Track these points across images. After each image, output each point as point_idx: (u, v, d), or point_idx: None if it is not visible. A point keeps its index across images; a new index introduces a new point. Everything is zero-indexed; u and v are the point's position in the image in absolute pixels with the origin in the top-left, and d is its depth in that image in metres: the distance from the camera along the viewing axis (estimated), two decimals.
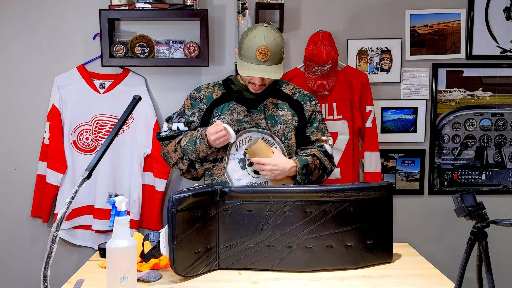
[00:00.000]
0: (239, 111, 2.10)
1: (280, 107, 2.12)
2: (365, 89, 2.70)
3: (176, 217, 1.54)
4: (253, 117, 2.09)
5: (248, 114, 2.09)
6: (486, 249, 1.16)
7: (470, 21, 2.77)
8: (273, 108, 2.11)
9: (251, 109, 2.10)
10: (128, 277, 1.39)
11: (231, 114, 2.09)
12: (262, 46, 1.95)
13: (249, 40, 1.98)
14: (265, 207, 1.64)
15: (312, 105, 2.16)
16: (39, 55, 2.68)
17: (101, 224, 2.63)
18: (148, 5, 2.53)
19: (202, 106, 2.14)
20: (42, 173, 2.67)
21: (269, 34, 1.98)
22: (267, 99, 2.12)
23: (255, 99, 2.12)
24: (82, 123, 2.65)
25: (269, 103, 2.12)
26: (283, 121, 2.10)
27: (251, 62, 1.98)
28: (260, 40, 1.96)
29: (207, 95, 2.15)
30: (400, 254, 1.82)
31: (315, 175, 2.08)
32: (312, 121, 2.16)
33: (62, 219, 1.25)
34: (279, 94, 2.15)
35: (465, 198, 1.20)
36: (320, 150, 2.11)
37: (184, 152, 2.06)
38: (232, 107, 2.11)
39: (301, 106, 2.14)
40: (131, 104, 1.55)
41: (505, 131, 2.86)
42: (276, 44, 1.98)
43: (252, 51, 1.97)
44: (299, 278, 1.60)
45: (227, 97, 2.13)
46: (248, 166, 2.06)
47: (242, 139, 2.09)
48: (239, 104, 2.11)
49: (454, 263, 2.78)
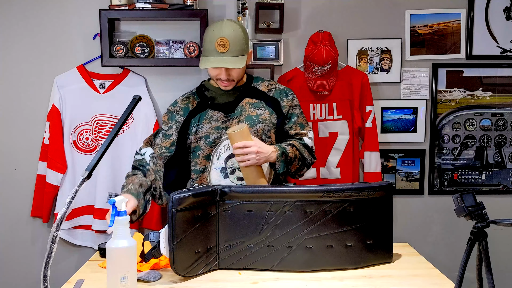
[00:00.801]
0: (217, 118, 2.05)
1: (257, 106, 2.07)
2: (365, 89, 2.70)
3: (176, 217, 1.53)
4: (231, 121, 2.04)
5: (226, 119, 2.04)
6: (486, 249, 1.16)
7: (470, 21, 2.77)
8: (250, 108, 2.06)
9: (229, 113, 2.05)
10: (128, 277, 1.39)
11: (209, 122, 2.04)
12: (220, 37, 1.94)
13: (209, 35, 1.98)
14: (265, 207, 1.64)
15: (288, 100, 2.11)
16: (39, 55, 2.69)
17: (101, 224, 2.63)
18: (148, 5, 2.53)
19: (179, 118, 2.08)
20: (42, 173, 2.67)
21: (227, 26, 1.97)
22: (243, 100, 2.08)
23: (231, 102, 2.07)
24: (82, 123, 2.65)
25: (245, 104, 2.07)
26: (262, 120, 2.05)
27: (211, 55, 1.97)
28: (219, 32, 1.95)
29: (183, 107, 2.09)
30: (400, 254, 1.82)
31: (294, 166, 2.04)
32: (290, 116, 2.11)
33: (62, 219, 1.25)
34: (254, 93, 2.10)
35: (465, 198, 1.20)
36: (300, 142, 2.08)
37: None
38: (209, 115, 2.05)
39: (278, 103, 2.10)
40: (131, 104, 1.55)
41: (505, 131, 2.86)
42: (236, 35, 1.96)
43: (212, 44, 1.95)
44: (299, 278, 1.60)
45: (203, 106, 2.08)
46: (230, 175, 2.02)
47: (221, 148, 2.04)
48: (216, 111, 2.06)
49: (454, 263, 2.78)
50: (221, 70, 1.98)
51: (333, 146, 2.71)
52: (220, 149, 2.05)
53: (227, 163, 2.03)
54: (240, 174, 2.00)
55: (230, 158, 2.03)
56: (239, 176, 2.01)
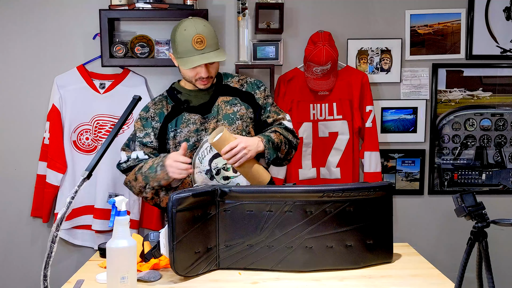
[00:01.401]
0: (194, 120, 2.01)
1: (232, 103, 2.04)
2: (365, 89, 2.70)
3: (176, 217, 1.53)
4: (209, 122, 2.01)
5: (204, 120, 2.01)
6: (486, 249, 1.16)
7: (470, 21, 2.77)
8: (226, 106, 2.04)
9: (205, 115, 2.02)
10: (128, 277, 1.39)
11: (187, 126, 2.00)
12: (196, 35, 1.91)
13: (181, 35, 1.94)
14: (265, 207, 1.64)
15: (261, 91, 2.09)
16: (39, 55, 2.69)
17: (101, 224, 2.63)
18: (148, 5, 2.53)
19: (155, 124, 2.03)
20: (42, 173, 2.67)
21: (198, 23, 1.94)
22: (217, 99, 2.05)
23: (206, 103, 2.04)
24: (82, 123, 2.65)
25: (221, 103, 2.04)
26: (239, 117, 2.03)
27: (190, 55, 1.93)
28: (192, 30, 1.92)
29: (157, 112, 2.04)
30: (400, 254, 1.82)
31: (282, 151, 2.01)
32: (265, 106, 2.09)
33: (62, 219, 1.25)
34: (227, 90, 2.07)
35: (465, 198, 1.20)
36: (280, 127, 2.06)
37: (145, 180, 1.93)
38: (186, 119, 2.01)
39: (252, 96, 2.07)
40: (131, 104, 1.55)
41: (505, 131, 2.86)
42: (209, 30, 1.94)
43: (188, 44, 1.91)
44: (299, 278, 1.60)
45: (178, 109, 2.03)
46: (216, 175, 1.99)
47: (203, 151, 2.00)
48: (192, 113, 2.02)
49: (454, 263, 2.78)
50: (201, 69, 1.94)
51: (333, 146, 2.71)
52: (202, 152, 2.01)
53: (211, 164, 1.99)
54: (226, 173, 1.98)
55: (214, 159, 1.99)
56: (225, 176, 1.99)
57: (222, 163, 1.99)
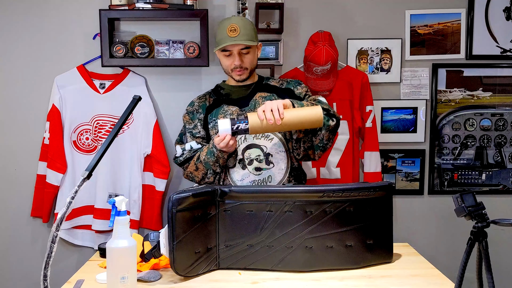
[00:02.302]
0: (232, 111, 2.14)
1: (269, 99, 2.14)
2: (365, 89, 2.70)
3: (176, 217, 1.54)
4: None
5: (241, 112, 2.13)
6: (486, 249, 1.16)
7: (470, 21, 2.77)
8: (263, 101, 2.13)
9: (243, 107, 2.15)
10: (128, 277, 1.39)
11: (224, 116, 2.13)
12: (231, 24, 2.08)
13: (220, 26, 2.12)
14: (265, 207, 1.64)
15: (302, 87, 2.20)
16: (39, 55, 2.69)
17: (101, 224, 2.62)
18: (148, 5, 2.53)
19: (199, 116, 2.20)
20: (42, 173, 2.67)
21: (236, 17, 2.14)
22: (255, 94, 2.17)
23: (245, 97, 2.17)
24: (82, 123, 2.65)
25: (258, 98, 2.16)
26: None
27: (224, 42, 2.08)
28: (229, 21, 2.10)
29: (201, 105, 2.23)
30: (400, 254, 1.82)
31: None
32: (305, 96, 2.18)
33: (62, 219, 1.25)
34: (266, 88, 2.21)
35: (465, 198, 1.20)
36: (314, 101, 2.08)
37: (206, 166, 2.06)
38: (224, 110, 2.16)
39: (292, 91, 2.18)
40: (131, 104, 1.55)
41: (505, 131, 2.86)
42: (246, 23, 2.11)
43: (224, 32, 2.08)
44: (299, 278, 1.60)
45: (218, 102, 2.21)
46: (248, 165, 2.06)
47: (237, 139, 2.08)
48: (231, 105, 2.16)
49: (454, 263, 2.78)
50: (234, 57, 2.09)
51: (333, 146, 2.71)
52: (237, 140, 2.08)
53: (245, 154, 2.08)
54: (258, 164, 2.06)
55: (248, 149, 2.08)
56: (257, 167, 2.06)
57: (255, 154, 2.07)
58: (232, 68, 2.13)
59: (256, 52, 2.17)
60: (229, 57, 2.12)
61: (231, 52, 2.10)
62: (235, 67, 2.11)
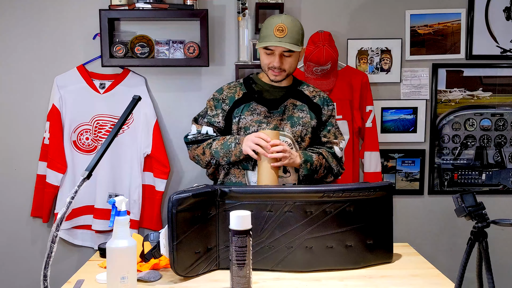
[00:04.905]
0: (260, 112, 2.08)
1: (300, 109, 2.11)
2: (365, 89, 2.70)
3: (176, 218, 1.53)
4: (273, 118, 2.08)
5: (269, 115, 2.08)
6: (486, 249, 1.16)
7: (470, 21, 2.77)
8: (293, 109, 2.10)
9: (272, 110, 2.09)
10: (128, 277, 1.39)
11: (251, 114, 2.08)
12: (279, 23, 1.99)
13: (268, 22, 2.03)
14: (265, 208, 1.64)
15: (329, 110, 2.16)
16: (39, 55, 2.69)
17: (101, 224, 2.63)
18: (148, 5, 2.53)
19: (225, 107, 2.12)
20: (42, 173, 2.67)
21: (287, 17, 2.04)
22: (288, 99, 2.11)
23: (276, 100, 2.11)
24: (82, 123, 2.65)
25: (289, 104, 2.11)
26: (302, 123, 2.09)
27: (269, 40, 2.00)
28: (278, 19, 2.01)
29: (229, 96, 2.13)
30: (400, 254, 1.82)
31: (320, 173, 2.07)
32: (327, 125, 2.16)
33: (62, 219, 1.25)
34: (299, 95, 2.14)
35: (465, 198, 1.20)
36: (329, 151, 2.10)
37: (215, 154, 2.03)
38: (253, 108, 2.09)
39: (320, 110, 2.14)
40: (131, 104, 1.54)
41: (505, 131, 2.86)
42: (295, 24, 2.02)
43: (271, 29, 2.00)
44: (299, 278, 1.60)
45: (248, 98, 2.12)
46: None
47: None
48: (260, 105, 2.10)
49: (454, 263, 2.78)
50: (274, 58, 2.02)
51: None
52: None
53: None
54: None
55: None
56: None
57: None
58: (270, 67, 2.05)
59: (298, 57, 2.08)
60: (270, 56, 2.03)
61: (273, 52, 2.02)
62: (274, 67, 2.04)
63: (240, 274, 1.41)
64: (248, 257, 1.42)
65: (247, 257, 1.42)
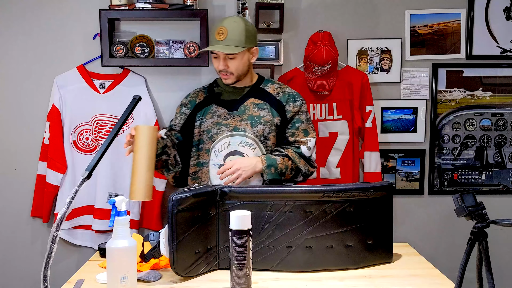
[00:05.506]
0: (220, 113, 2.10)
1: (261, 108, 2.10)
2: (365, 89, 2.70)
3: (176, 218, 1.53)
4: (233, 119, 2.08)
5: (228, 116, 2.09)
6: (486, 249, 1.16)
7: (470, 21, 2.77)
8: (253, 108, 2.09)
9: (232, 111, 2.10)
10: (128, 277, 1.39)
11: (212, 117, 2.10)
12: (220, 27, 2.01)
13: (213, 26, 2.08)
14: (265, 208, 1.64)
15: (295, 106, 2.12)
16: (39, 55, 2.69)
17: (101, 224, 2.62)
18: (148, 5, 2.53)
19: (185, 111, 2.19)
20: (42, 173, 2.67)
21: (230, 19, 2.04)
22: (248, 99, 2.11)
23: (236, 100, 2.12)
24: (82, 123, 2.65)
25: (250, 104, 2.11)
26: (263, 122, 2.08)
27: (211, 44, 2.03)
28: (220, 22, 2.04)
29: (191, 100, 2.21)
30: (400, 254, 1.82)
31: (287, 176, 2.06)
32: (294, 122, 2.12)
33: (62, 219, 1.25)
34: (261, 93, 2.14)
35: (465, 198, 1.20)
36: (296, 152, 2.08)
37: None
38: (213, 110, 2.12)
39: (283, 107, 2.12)
40: (131, 104, 1.55)
41: (505, 131, 2.86)
42: (236, 27, 2.01)
43: (212, 33, 2.03)
44: (299, 278, 1.60)
45: (209, 100, 2.16)
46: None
47: (221, 145, 2.07)
48: (220, 107, 2.12)
49: (454, 263, 2.76)
50: (219, 61, 2.04)
51: (333, 146, 2.71)
52: (219, 146, 2.07)
53: (226, 160, 2.05)
54: None
55: (230, 156, 2.05)
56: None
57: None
58: (219, 71, 2.08)
59: (246, 57, 2.06)
60: (216, 59, 2.06)
61: (218, 55, 2.04)
62: (220, 70, 2.07)
63: (240, 274, 1.41)
64: (248, 257, 1.42)
65: (247, 257, 1.42)
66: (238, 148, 2.06)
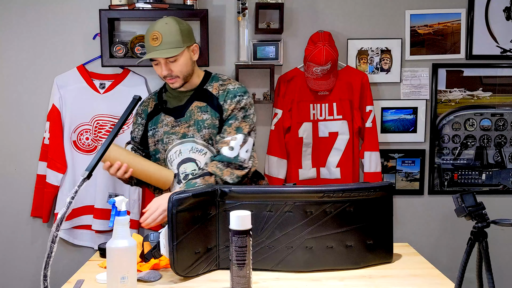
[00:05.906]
0: (167, 122, 2.03)
1: (204, 110, 2.00)
2: (365, 89, 2.70)
3: (176, 218, 1.53)
4: (180, 126, 2.01)
5: (176, 124, 2.01)
6: (486, 249, 1.16)
7: (470, 21, 2.77)
8: (198, 112, 2.00)
9: (178, 118, 2.02)
10: (128, 277, 1.39)
11: (162, 126, 2.04)
12: (153, 32, 1.91)
13: (146, 33, 1.96)
14: (265, 208, 1.64)
15: (233, 103, 1.98)
16: (39, 55, 2.69)
17: (101, 224, 2.63)
18: (148, 5, 2.53)
19: (142, 121, 2.12)
20: (42, 173, 2.67)
21: (161, 21, 1.94)
22: (192, 103, 2.02)
23: (182, 106, 2.03)
24: (82, 123, 2.65)
25: (194, 108, 2.01)
26: (207, 125, 1.98)
27: (148, 51, 1.95)
28: (152, 27, 1.93)
29: (144, 109, 2.12)
30: (400, 254, 1.82)
31: None
32: (229, 119, 1.99)
33: (62, 219, 1.25)
34: (204, 95, 2.02)
35: (465, 198, 1.20)
36: (219, 161, 1.93)
37: None
38: (161, 119, 2.05)
39: (221, 106, 2.00)
40: (131, 104, 1.54)
41: (505, 131, 2.86)
42: (168, 28, 1.91)
43: (147, 39, 1.94)
44: (299, 278, 1.60)
45: (158, 109, 2.09)
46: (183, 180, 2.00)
47: (172, 154, 2.02)
48: (167, 115, 2.04)
49: (454, 263, 2.78)
50: (158, 67, 1.96)
51: (333, 146, 2.71)
52: (171, 155, 2.03)
53: (180, 169, 2.01)
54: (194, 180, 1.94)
55: (183, 163, 2.01)
56: None
57: (190, 169, 1.99)
58: (164, 77, 1.97)
59: (187, 57, 1.96)
60: (158, 66, 1.95)
61: (158, 61, 1.94)
62: (165, 76, 1.96)
63: (240, 274, 1.41)
64: (248, 257, 1.42)
65: (247, 257, 1.42)
66: (189, 155, 1.99)
